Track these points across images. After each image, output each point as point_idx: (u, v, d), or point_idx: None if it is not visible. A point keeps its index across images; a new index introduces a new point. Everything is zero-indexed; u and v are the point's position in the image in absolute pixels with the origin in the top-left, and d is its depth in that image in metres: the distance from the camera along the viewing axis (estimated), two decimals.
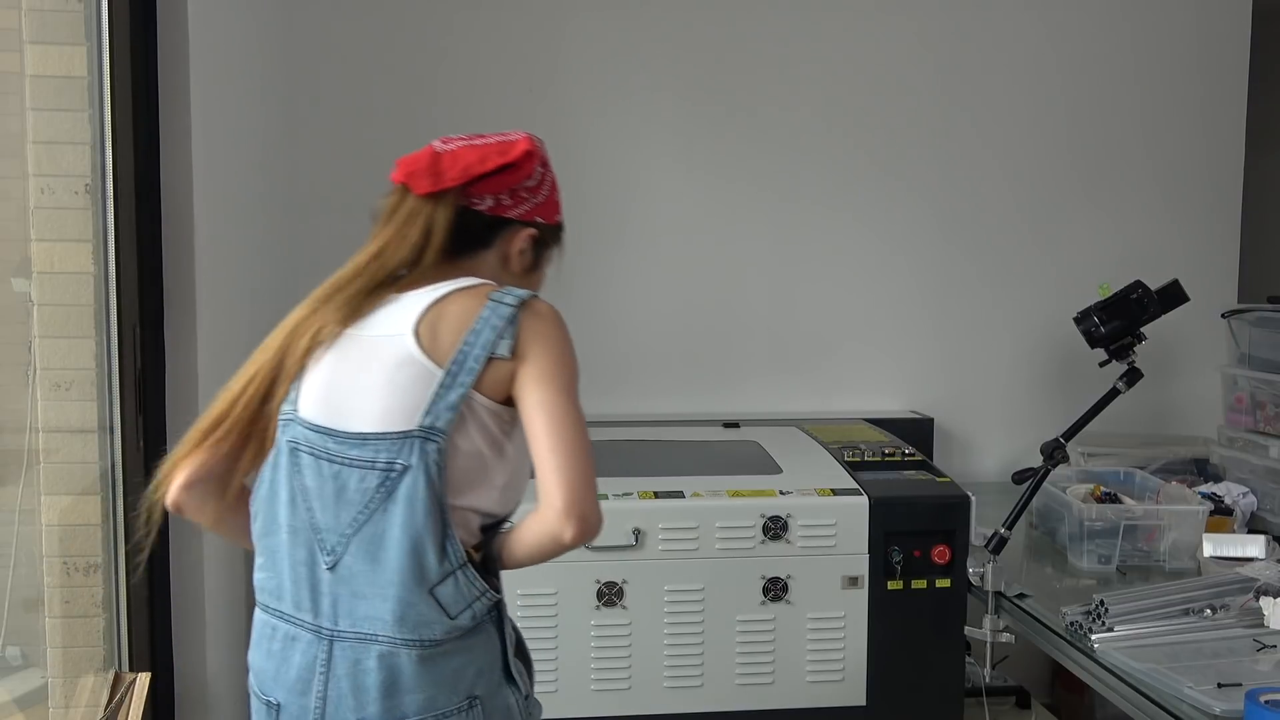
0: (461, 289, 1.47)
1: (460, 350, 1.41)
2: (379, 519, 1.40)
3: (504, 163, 1.51)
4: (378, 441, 1.40)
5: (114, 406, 1.86)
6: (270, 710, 1.46)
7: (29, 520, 1.81)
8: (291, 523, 1.45)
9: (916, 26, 3.40)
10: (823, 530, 2.44)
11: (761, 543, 2.43)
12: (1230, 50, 3.54)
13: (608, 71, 3.29)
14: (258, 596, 1.52)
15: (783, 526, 2.43)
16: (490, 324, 1.42)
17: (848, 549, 2.46)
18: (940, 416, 3.44)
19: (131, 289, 1.88)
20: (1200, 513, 2.60)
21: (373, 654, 1.40)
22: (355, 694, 1.40)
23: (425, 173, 1.52)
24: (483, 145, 1.54)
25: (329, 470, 1.43)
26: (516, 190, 1.55)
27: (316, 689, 1.42)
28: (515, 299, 1.44)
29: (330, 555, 1.42)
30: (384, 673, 1.39)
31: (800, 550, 2.44)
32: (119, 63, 1.82)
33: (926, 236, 3.45)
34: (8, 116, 1.81)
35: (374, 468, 1.40)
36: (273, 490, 1.48)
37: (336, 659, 1.41)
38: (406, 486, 1.39)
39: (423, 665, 1.40)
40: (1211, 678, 1.88)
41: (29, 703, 1.82)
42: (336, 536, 1.41)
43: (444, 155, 1.53)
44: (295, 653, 1.44)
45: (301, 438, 1.45)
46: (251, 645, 1.52)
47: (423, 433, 1.39)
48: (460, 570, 1.41)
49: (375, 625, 1.40)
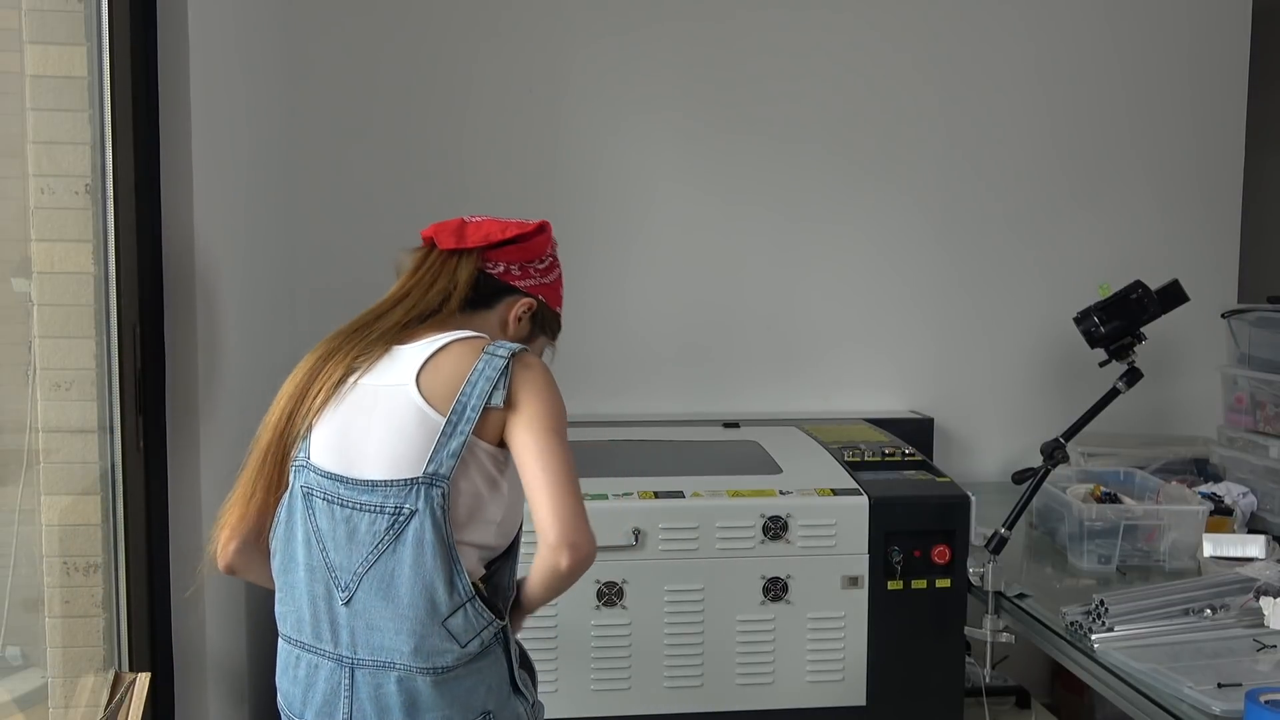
0: (459, 339, 1.60)
1: (459, 400, 1.53)
2: (389, 559, 1.52)
3: (520, 233, 1.70)
4: (386, 488, 1.52)
5: (114, 406, 1.86)
6: None
7: (29, 520, 1.81)
8: (308, 561, 1.57)
9: (916, 28, 3.40)
10: (823, 530, 2.44)
11: (761, 543, 2.43)
12: (1230, 50, 3.54)
13: (608, 72, 3.29)
14: (280, 627, 1.66)
15: (783, 526, 2.43)
16: (485, 375, 1.54)
17: (848, 549, 2.46)
18: (940, 416, 3.44)
19: (131, 289, 1.87)
20: (1200, 513, 2.60)
21: (392, 679, 1.52)
22: (379, 714, 1.53)
23: (451, 233, 1.69)
24: (506, 220, 1.72)
25: (341, 514, 1.54)
26: (526, 266, 1.73)
27: (343, 710, 1.55)
28: (508, 351, 1.57)
29: (345, 591, 1.54)
30: (404, 695, 1.52)
31: (800, 550, 2.44)
32: (119, 63, 1.82)
33: (926, 237, 3.45)
34: (8, 116, 1.81)
35: (383, 512, 1.52)
36: (289, 531, 1.60)
37: (359, 683, 1.54)
38: (414, 529, 1.51)
39: (437, 689, 1.52)
40: (1211, 678, 1.88)
41: (29, 703, 1.82)
42: (350, 575, 1.54)
43: (469, 224, 1.71)
44: (319, 679, 1.58)
45: (315, 484, 1.57)
46: (278, 672, 1.66)
47: (427, 479, 1.51)
48: (469, 603, 1.52)
49: (392, 655, 1.52)
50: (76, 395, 1.82)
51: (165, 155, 1.97)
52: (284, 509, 1.61)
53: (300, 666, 1.61)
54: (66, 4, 1.79)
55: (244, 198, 2.45)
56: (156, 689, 1.91)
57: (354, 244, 3.19)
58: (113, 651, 1.87)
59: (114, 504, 1.87)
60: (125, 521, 1.88)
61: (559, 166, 1.95)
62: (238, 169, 2.39)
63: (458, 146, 3.25)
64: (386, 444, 1.53)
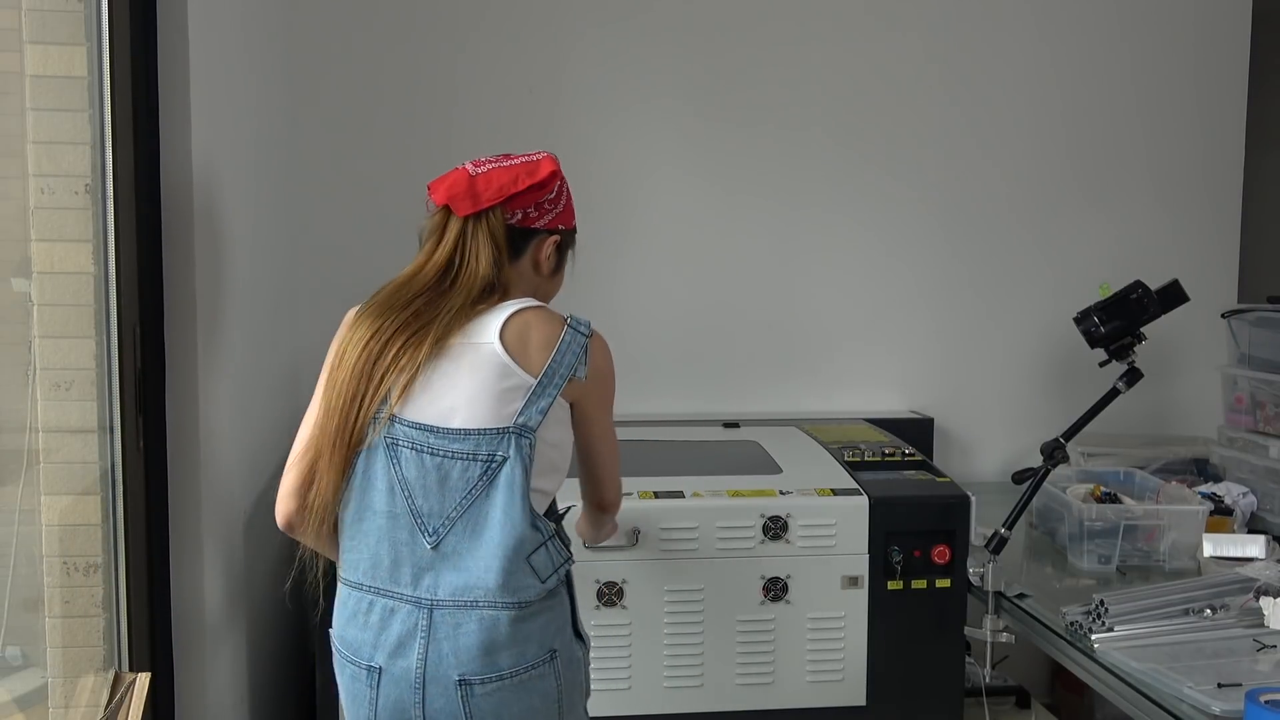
0: (532, 307, 1.73)
1: (550, 366, 1.69)
2: (482, 503, 1.65)
3: (533, 183, 1.76)
4: (479, 436, 1.65)
5: (114, 406, 1.86)
6: (372, 674, 1.67)
7: (29, 520, 1.81)
8: (390, 509, 1.66)
9: (917, 29, 3.40)
10: (823, 530, 2.44)
11: (761, 543, 2.43)
12: (1230, 50, 3.54)
13: (608, 71, 3.29)
14: (347, 576, 1.73)
15: (783, 526, 2.43)
16: (572, 349, 1.71)
17: (848, 549, 2.46)
18: (940, 416, 3.44)
19: (131, 289, 1.87)
20: (1200, 513, 2.60)
21: (473, 618, 1.63)
22: (456, 654, 1.63)
23: (465, 196, 1.73)
24: (511, 166, 1.77)
25: (431, 462, 1.65)
26: (540, 204, 1.79)
27: (417, 652, 1.63)
28: (587, 330, 1.74)
29: (434, 536, 1.65)
30: (483, 634, 1.63)
31: (800, 550, 2.44)
32: (119, 63, 1.82)
33: (926, 237, 3.45)
34: (8, 116, 1.81)
35: (475, 459, 1.65)
36: (367, 481, 1.69)
37: (437, 624, 1.63)
38: (505, 474, 1.64)
39: (515, 625, 1.64)
40: (1211, 678, 1.88)
41: (29, 703, 1.82)
42: (440, 519, 1.65)
43: (478, 178, 1.75)
44: (395, 622, 1.65)
45: (401, 435, 1.66)
46: (342, 622, 1.72)
47: (517, 429, 1.66)
48: (550, 541, 1.69)
49: (477, 593, 1.63)
50: (76, 395, 1.82)
51: (165, 155, 1.97)
52: (361, 461, 1.68)
53: (373, 611, 1.67)
54: (66, 4, 1.79)
55: (245, 198, 2.45)
56: (156, 689, 1.91)
57: (356, 241, 3.20)
58: (113, 651, 1.87)
59: (114, 504, 1.87)
60: (125, 521, 1.88)
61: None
62: (238, 169, 2.39)
63: (459, 144, 3.24)
64: (478, 397, 1.65)
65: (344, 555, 1.73)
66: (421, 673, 1.63)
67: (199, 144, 2.04)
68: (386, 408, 1.66)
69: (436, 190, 1.76)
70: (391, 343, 1.67)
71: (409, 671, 1.64)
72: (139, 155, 1.89)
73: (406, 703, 1.65)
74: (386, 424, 1.66)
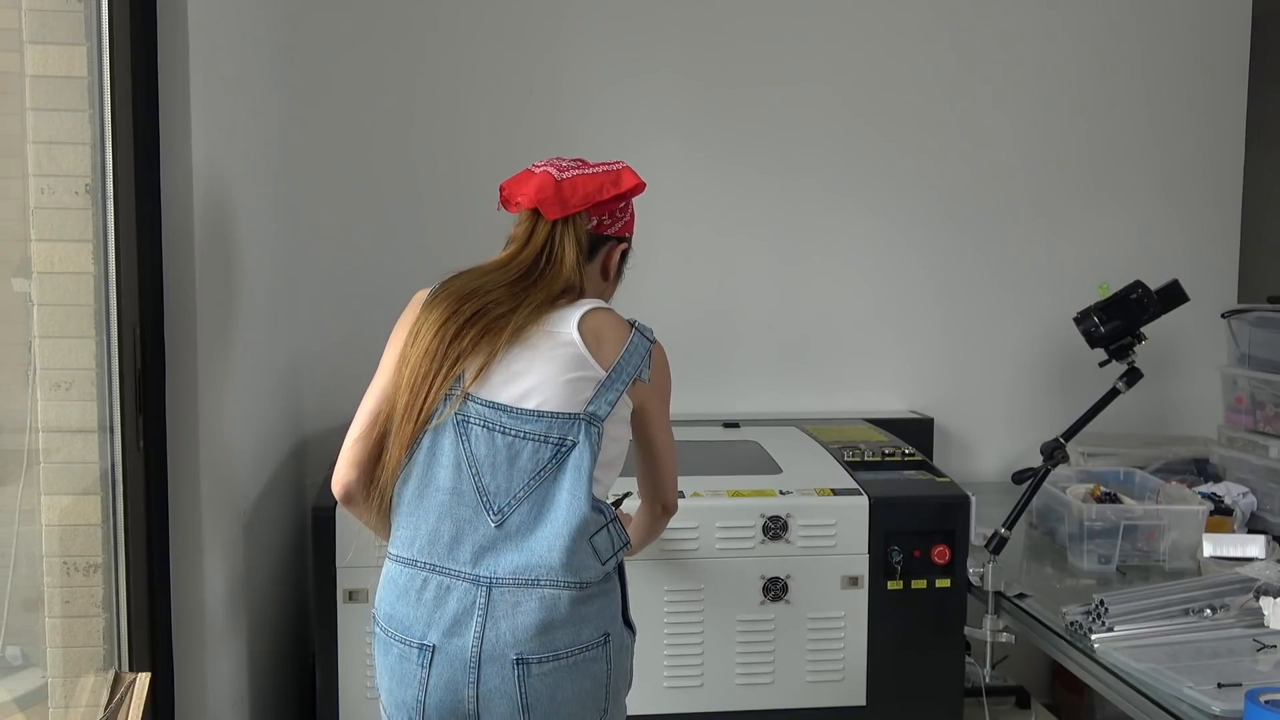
0: (604, 309, 1.81)
1: (619, 363, 1.75)
2: (550, 484, 1.69)
3: (617, 193, 1.85)
4: (551, 419, 1.70)
5: (114, 406, 1.85)
6: (424, 652, 1.66)
7: (29, 520, 1.81)
8: (455, 486, 1.69)
9: (917, 30, 3.40)
10: (823, 530, 2.44)
11: (761, 543, 2.43)
12: (1230, 50, 3.54)
13: (608, 68, 3.29)
14: (400, 552, 1.73)
15: (783, 526, 2.43)
16: (638, 352, 1.78)
17: (848, 549, 2.46)
18: (940, 416, 3.44)
19: (131, 289, 1.87)
20: (1200, 513, 2.60)
21: (533, 596, 1.65)
22: (514, 632, 1.64)
23: (554, 201, 1.79)
24: (596, 175, 1.85)
25: (502, 441, 1.69)
26: (615, 213, 1.89)
27: (474, 630, 1.64)
28: (652, 337, 1.83)
29: (498, 514, 1.67)
30: (543, 612, 1.65)
31: (800, 550, 2.44)
32: (119, 63, 1.82)
33: (926, 237, 3.45)
34: (8, 116, 1.81)
35: (547, 441, 1.69)
36: (432, 457, 1.71)
37: (495, 602, 1.65)
38: (575, 458, 1.69)
39: (574, 606, 1.67)
40: (1211, 678, 1.88)
41: (29, 703, 1.82)
42: (507, 498, 1.68)
43: (564, 184, 1.81)
44: (450, 599, 1.66)
45: (474, 413, 1.70)
46: (391, 599, 1.72)
47: (587, 417, 1.71)
48: (611, 524, 1.74)
49: (539, 571, 1.66)
50: (76, 395, 1.82)
51: (165, 155, 1.97)
52: (427, 438, 1.70)
53: (427, 588, 1.68)
54: (66, 4, 1.79)
55: (245, 197, 2.45)
56: (156, 689, 1.91)
57: (357, 240, 3.19)
58: (113, 651, 1.87)
59: (114, 504, 1.87)
60: (125, 521, 1.88)
61: None
62: (238, 169, 2.39)
63: (460, 143, 3.25)
64: (553, 382, 1.70)
65: (398, 531, 1.74)
66: (478, 651, 1.64)
67: (199, 144, 2.04)
68: (460, 386, 1.69)
69: (521, 192, 1.81)
70: (469, 325, 1.71)
71: (464, 650, 1.64)
72: (139, 155, 1.89)
73: (460, 682, 1.65)
74: (460, 402, 1.69)
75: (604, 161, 1.89)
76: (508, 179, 1.87)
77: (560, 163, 1.85)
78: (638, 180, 1.87)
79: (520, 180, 1.84)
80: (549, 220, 1.80)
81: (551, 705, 1.66)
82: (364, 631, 2.34)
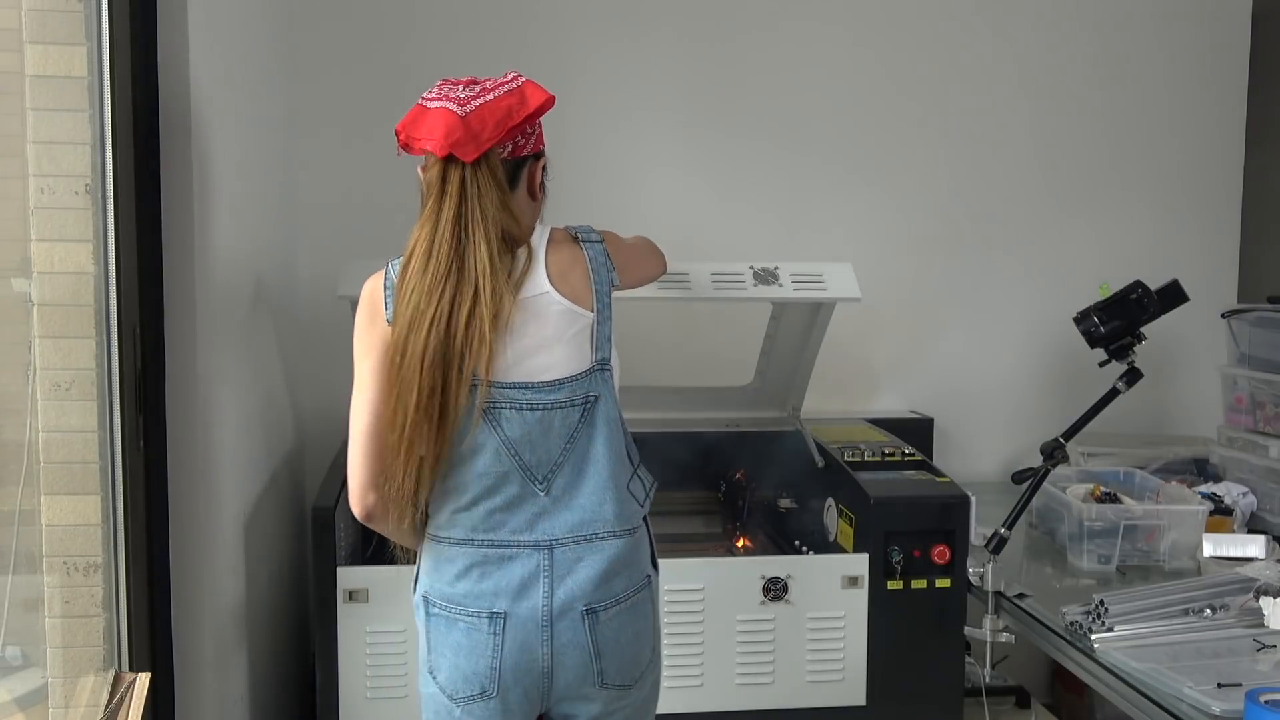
0: (551, 243, 1.75)
1: (596, 292, 1.74)
2: (584, 443, 1.72)
3: (527, 115, 1.70)
4: (571, 384, 1.71)
5: (114, 406, 1.85)
6: (495, 620, 1.69)
7: (29, 520, 1.81)
8: (498, 469, 1.70)
9: (916, 28, 3.40)
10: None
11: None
12: (1230, 50, 3.54)
13: (607, 64, 3.29)
14: (451, 535, 1.73)
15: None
16: (600, 263, 1.76)
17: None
18: (940, 416, 3.44)
19: (131, 289, 1.87)
20: (1200, 513, 2.60)
21: (593, 549, 1.71)
22: (579, 586, 1.70)
23: (466, 141, 1.65)
24: (499, 99, 1.69)
25: (533, 417, 1.70)
26: (524, 132, 1.74)
27: (542, 590, 1.69)
28: (597, 237, 1.79)
29: (544, 484, 1.71)
30: (603, 563, 1.71)
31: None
32: (119, 63, 1.82)
33: (925, 237, 3.45)
34: (8, 116, 1.81)
35: (573, 405, 1.71)
36: (472, 450, 1.70)
37: (558, 561, 1.70)
38: (602, 411, 1.73)
39: (625, 551, 1.73)
40: (1211, 678, 1.88)
41: (29, 703, 1.82)
42: (548, 467, 1.71)
43: (470, 118, 1.66)
44: (515, 567, 1.70)
45: (499, 398, 1.70)
46: (449, 579, 1.73)
47: (599, 365, 1.74)
48: (639, 467, 1.80)
49: (594, 526, 1.71)
50: (76, 395, 1.82)
51: (165, 155, 1.97)
52: (455, 437, 1.69)
53: (489, 563, 1.70)
54: (66, 4, 1.79)
55: (244, 198, 2.45)
56: (156, 689, 1.91)
57: (357, 240, 3.19)
58: (113, 651, 1.87)
59: (114, 504, 1.87)
60: (125, 521, 1.88)
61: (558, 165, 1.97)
62: (238, 169, 2.39)
63: None
64: (559, 346, 1.71)
65: (443, 517, 1.73)
66: (549, 609, 1.68)
67: (199, 144, 2.04)
68: (480, 384, 1.66)
69: (427, 136, 1.67)
70: (454, 325, 1.63)
71: (535, 610, 1.68)
72: (139, 155, 1.89)
73: (533, 641, 1.69)
74: (483, 393, 1.67)
75: (495, 78, 1.72)
76: (402, 120, 1.72)
77: (455, 92, 1.68)
78: (545, 95, 1.71)
79: (418, 120, 1.69)
80: (459, 164, 1.66)
81: (617, 648, 1.73)
82: (364, 631, 2.33)
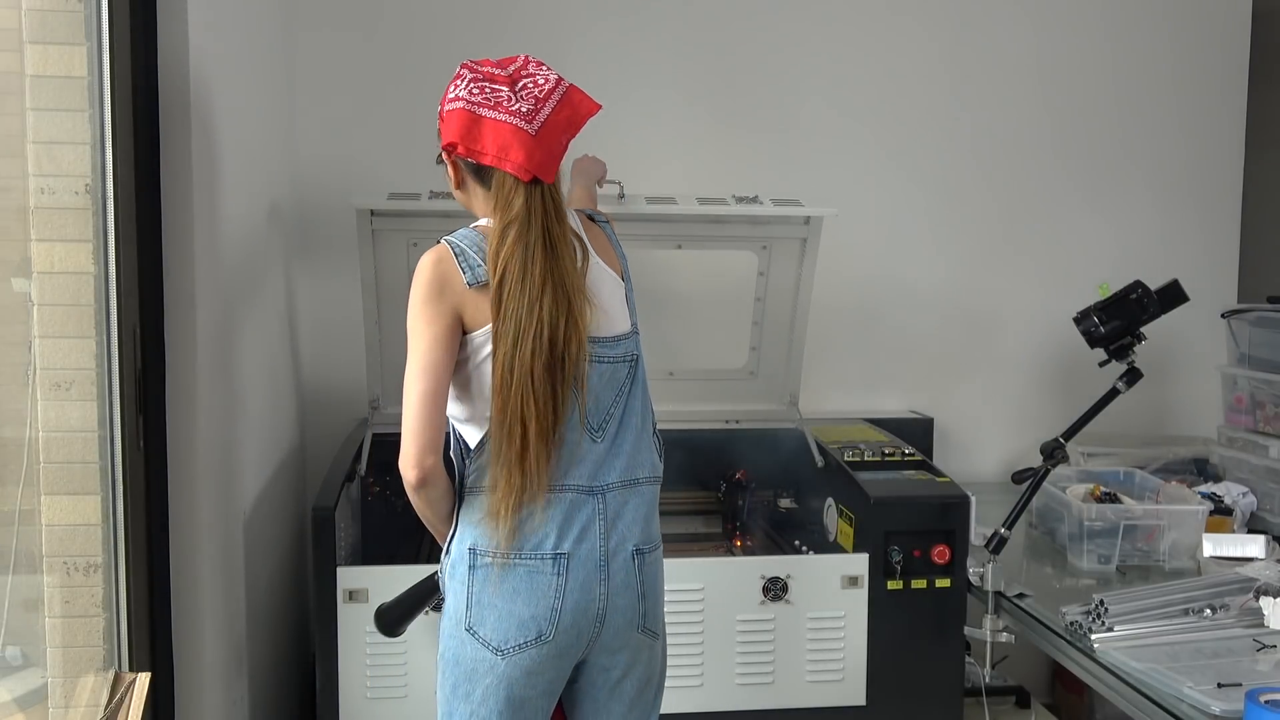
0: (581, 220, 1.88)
1: (623, 263, 1.90)
2: (629, 398, 1.84)
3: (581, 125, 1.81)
4: (626, 340, 1.85)
5: (114, 406, 1.86)
6: (559, 561, 1.77)
7: (29, 520, 1.81)
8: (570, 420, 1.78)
9: (920, 30, 3.40)
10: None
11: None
12: (1230, 50, 3.54)
13: (606, 60, 3.29)
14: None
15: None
16: (616, 240, 1.92)
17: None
18: (940, 416, 3.44)
19: (131, 289, 1.87)
20: (1200, 513, 2.60)
21: (637, 494, 1.83)
22: (629, 528, 1.81)
23: (547, 163, 1.74)
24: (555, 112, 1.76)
25: (603, 369, 1.81)
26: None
27: (599, 532, 1.78)
28: (604, 217, 1.94)
29: (599, 432, 1.81)
30: (645, 507, 1.84)
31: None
32: (119, 63, 1.82)
33: (925, 236, 3.45)
34: (8, 116, 1.81)
35: (625, 361, 1.84)
36: None
37: (610, 504, 1.80)
38: (640, 370, 1.87)
39: (656, 498, 1.88)
40: (1211, 678, 1.88)
41: (29, 703, 1.82)
42: (602, 416, 1.81)
43: (541, 136, 1.73)
44: (576, 512, 1.78)
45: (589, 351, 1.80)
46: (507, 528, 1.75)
47: (635, 329, 1.88)
48: (655, 425, 1.92)
49: (641, 471, 1.84)
50: (76, 395, 1.82)
51: (165, 155, 1.97)
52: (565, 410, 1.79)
53: (551, 507, 1.77)
54: (66, 4, 1.79)
55: (244, 198, 2.45)
56: (156, 689, 1.91)
57: (353, 250, 3.19)
58: (113, 651, 1.87)
59: (114, 504, 1.87)
60: (125, 521, 1.88)
61: None
62: (237, 168, 2.39)
63: None
64: (613, 305, 1.83)
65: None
66: (605, 550, 1.78)
67: (199, 144, 2.04)
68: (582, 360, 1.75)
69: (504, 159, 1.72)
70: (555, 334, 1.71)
71: (594, 551, 1.78)
72: (139, 155, 1.89)
73: (592, 581, 1.77)
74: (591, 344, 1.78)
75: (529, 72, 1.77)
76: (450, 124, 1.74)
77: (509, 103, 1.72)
78: (593, 104, 1.82)
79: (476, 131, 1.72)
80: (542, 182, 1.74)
81: (653, 591, 1.84)
82: (364, 631, 2.33)
